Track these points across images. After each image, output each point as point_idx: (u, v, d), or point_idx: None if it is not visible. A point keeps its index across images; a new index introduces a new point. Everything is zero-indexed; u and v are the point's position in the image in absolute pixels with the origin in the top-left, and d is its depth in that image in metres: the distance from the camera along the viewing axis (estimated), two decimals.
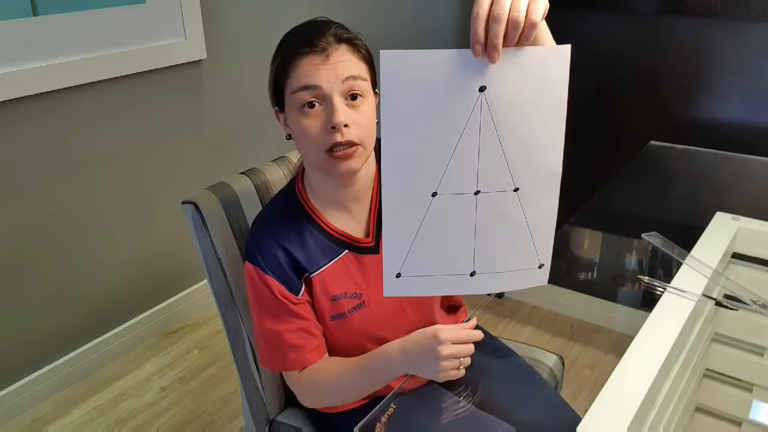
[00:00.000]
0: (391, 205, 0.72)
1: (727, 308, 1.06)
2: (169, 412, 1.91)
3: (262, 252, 0.99)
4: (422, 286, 0.77)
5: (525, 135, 0.71)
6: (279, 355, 1.01)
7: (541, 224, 0.76)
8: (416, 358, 0.94)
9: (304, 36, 0.93)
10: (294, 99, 0.92)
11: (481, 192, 0.73)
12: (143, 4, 1.91)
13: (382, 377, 0.99)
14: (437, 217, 0.73)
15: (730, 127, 1.96)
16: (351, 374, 1.00)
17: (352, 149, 0.92)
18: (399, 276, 0.76)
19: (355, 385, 1.01)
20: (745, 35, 1.85)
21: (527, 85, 0.69)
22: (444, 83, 0.68)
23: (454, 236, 0.74)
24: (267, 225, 1.01)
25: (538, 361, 1.29)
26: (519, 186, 0.74)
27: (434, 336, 0.92)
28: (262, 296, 0.99)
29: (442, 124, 0.69)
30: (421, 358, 0.94)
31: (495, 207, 0.73)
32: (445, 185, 0.72)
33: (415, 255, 0.74)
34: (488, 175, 0.72)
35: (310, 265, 1.00)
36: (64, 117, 1.82)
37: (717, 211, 1.24)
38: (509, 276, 0.79)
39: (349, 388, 1.02)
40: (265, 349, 1.03)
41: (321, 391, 1.04)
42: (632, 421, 0.74)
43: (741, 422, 1.22)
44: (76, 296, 1.99)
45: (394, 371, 0.97)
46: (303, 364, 1.01)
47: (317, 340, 1.02)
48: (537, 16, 0.67)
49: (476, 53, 0.67)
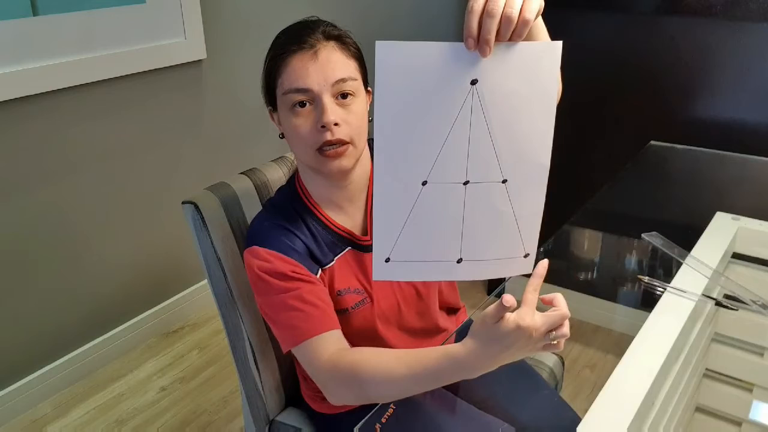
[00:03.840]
0: (382, 191, 0.74)
1: (727, 308, 1.06)
2: (169, 412, 1.91)
3: (272, 238, 0.96)
4: (410, 271, 0.79)
5: (515, 128, 0.73)
6: (296, 321, 0.91)
7: (528, 215, 0.78)
8: (505, 356, 0.77)
9: (294, 34, 0.94)
10: (285, 99, 0.93)
11: (470, 182, 0.74)
12: (143, 4, 1.91)
13: (450, 378, 0.82)
14: (427, 205, 0.74)
15: (730, 127, 1.96)
16: (411, 369, 0.83)
17: (342, 148, 0.93)
18: (388, 261, 0.77)
19: (412, 380, 0.84)
20: (745, 35, 1.85)
21: (518, 80, 0.71)
22: (437, 75, 0.69)
23: (442, 224, 0.76)
24: (273, 218, 1.00)
25: (538, 361, 1.29)
26: (507, 177, 0.75)
27: (518, 329, 0.73)
28: (271, 272, 0.93)
29: (434, 115, 0.71)
30: (512, 354, 0.77)
31: (483, 197, 0.75)
32: (435, 174, 0.73)
33: (405, 241, 0.76)
34: (478, 166, 0.74)
35: (323, 257, 1.00)
36: (64, 117, 1.82)
37: (717, 211, 1.24)
38: (495, 264, 0.80)
39: (399, 382, 0.84)
40: (282, 324, 0.94)
41: (358, 381, 0.87)
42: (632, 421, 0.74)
43: (741, 422, 1.22)
44: (76, 296, 1.99)
45: (472, 374, 0.81)
46: (325, 326, 0.91)
47: (334, 312, 0.95)
48: (530, 14, 0.68)
49: (469, 47, 0.68)
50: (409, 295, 1.08)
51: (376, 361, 0.86)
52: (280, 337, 0.95)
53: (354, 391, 0.89)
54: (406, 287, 1.07)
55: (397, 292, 1.06)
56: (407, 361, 0.83)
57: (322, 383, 0.92)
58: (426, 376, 0.82)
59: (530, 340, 0.74)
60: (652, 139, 1.82)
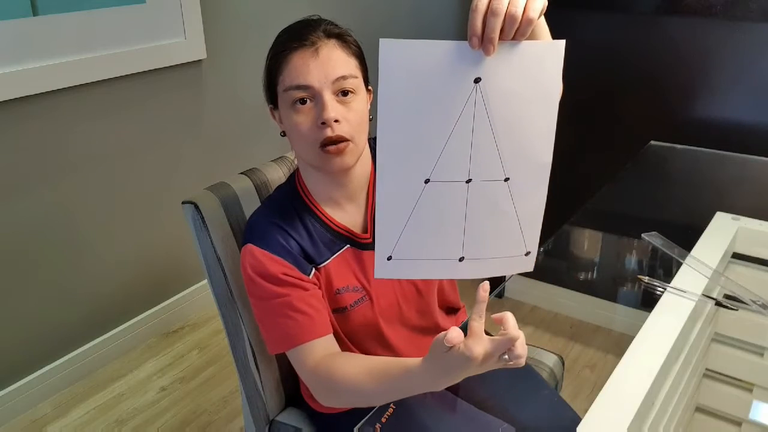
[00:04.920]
0: (385, 189, 0.74)
1: (727, 308, 1.06)
2: (169, 412, 1.91)
3: (266, 237, 0.97)
4: (412, 269, 0.79)
5: (517, 127, 0.73)
6: (285, 328, 0.94)
7: (530, 213, 0.78)
8: (461, 376, 0.77)
9: (295, 32, 0.95)
10: (286, 96, 0.94)
11: (472, 180, 0.75)
12: (143, 4, 1.91)
13: (415, 391, 0.84)
14: (429, 203, 0.75)
15: (730, 127, 1.96)
16: (378, 382, 0.86)
17: (343, 144, 0.93)
18: (390, 259, 0.77)
19: (379, 392, 0.88)
20: (745, 35, 1.85)
21: (521, 79, 0.71)
22: (440, 73, 0.69)
23: (444, 222, 0.76)
24: (270, 215, 1.00)
25: (538, 361, 1.29)
26: (509, 176, 0.75)
27: (466, 360, 0.73)
28: (264, 275, 0.95)
29: (437, 113, 0.71)
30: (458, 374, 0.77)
31: (485, 195, 0.75)
32: (437, 173, 0.73)
33: (407, 239, 0.76)
34: (480, 165, 0.74)
35: (318, 256, 1.00)
36: (64, 117, 1.82)
37: (717, 211, 1.24)
38: (496, 262, 0.81)
39: (367, 394, 0.89)
40: (270, 328, 0.97)
41: (335, 390, 0.93)
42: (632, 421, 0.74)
43: (741, 422, 1.22)
44: (77, 296, 1.99)
45: (435, 389, 0.82)
46: (312, 334, 0.94)
47: (324, 317, 0.96)
48: (534, 13, 0.68)
49: (473, 45, 0.68)
50: (409, 292, 1.08)
51: (349, 372, 0.90)
52: (267, 340, 0.99)
53: (333, 398, 0.95)
54: (407, 285, 1.07)
55: (397, 289, 1.07)
56: (376, 374, 0.87)
57: (311, 389, 0.96)
58: (391, 389, 0.86)
59: (483, 365, 0.74)
60: (652, 139, 1.82)
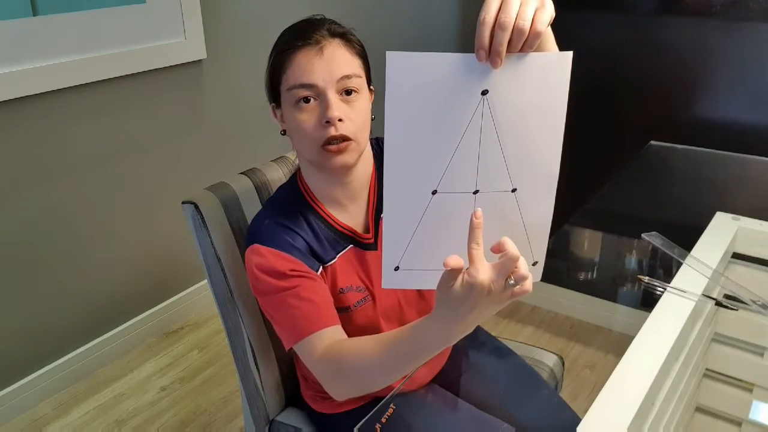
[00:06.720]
0: (392, 200, 0.74)
1: (727, 308, 1.06)
2: (169, 412, 1.91)
3: (274, 236, 0.96)
4: (419, 279, 0.79)
5: (524, 138, 0.73)
6: (293, 319, 0.92)
7: (537, 224, 0.78)
8: (473, 317, 0.72)
9: (299, 31, 0.95)
10: (289, 95, 0.94)
11: (480, 192, 0.75)
12: (143, 4, 1.91)
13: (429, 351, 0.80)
14: (436, 214, 0.75)
15: (730, 127, 1.96)
16: (389, 350, 0.82)
17: (345, 144, 0.93)
18: (397, 269, 0.77)
19: (393, 361, 0.83)
20: (745, 35, 1.85)
21: (528, 90, 0.71)
22: (448, 86, 0.69)
23: (451, 233, 0.76)
24: (275, 216, 1.00)
25: (538, 361, 1.29)
26: (517, 187, 0.75)
27: (471, 288, 0.69)
28: (271, 272, 0.93)
29: (445, 125, 0.71)
30: (473, 315, 0.72)
31: (493, 206, 0.75)
32: (445, 184, 0.73)
33: (414, 250, 0.76)
34: (487, 176, 0.74)
35: (325, 255, 1.00)
36: (64, 117, 1.82)
37: (717, 211, 1.24)
38: None
39: (379, 367, 0.84)
40: (280, 321, 0.95)
41: (345, 371, 0.88)
42: (632, 421, 0.74)
43: (741, 422, 1.22)
44: (76, 296, 1.98)
45: (448, 341, 0.77)
46: (319, 324, 0.91)
47: (331, 308, 0.95)
48: (542, 25, 0.68)
49: (480, 58, 0.68)
50: (411, 294, 1.08)
51: (358, 348, 0.86)
52: (282, 336, 0.96)
53: (346, 383, 0.89)
54: None
55: (399, 291, 1.07)
56: (384, 342, 0.83)
57: (321, 380, 0.92)
58: (404, 356, 0.81)
59: (491, 294, 0.69)
60: (652, 139, 1.82)
